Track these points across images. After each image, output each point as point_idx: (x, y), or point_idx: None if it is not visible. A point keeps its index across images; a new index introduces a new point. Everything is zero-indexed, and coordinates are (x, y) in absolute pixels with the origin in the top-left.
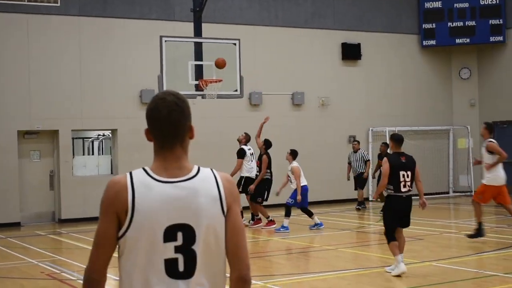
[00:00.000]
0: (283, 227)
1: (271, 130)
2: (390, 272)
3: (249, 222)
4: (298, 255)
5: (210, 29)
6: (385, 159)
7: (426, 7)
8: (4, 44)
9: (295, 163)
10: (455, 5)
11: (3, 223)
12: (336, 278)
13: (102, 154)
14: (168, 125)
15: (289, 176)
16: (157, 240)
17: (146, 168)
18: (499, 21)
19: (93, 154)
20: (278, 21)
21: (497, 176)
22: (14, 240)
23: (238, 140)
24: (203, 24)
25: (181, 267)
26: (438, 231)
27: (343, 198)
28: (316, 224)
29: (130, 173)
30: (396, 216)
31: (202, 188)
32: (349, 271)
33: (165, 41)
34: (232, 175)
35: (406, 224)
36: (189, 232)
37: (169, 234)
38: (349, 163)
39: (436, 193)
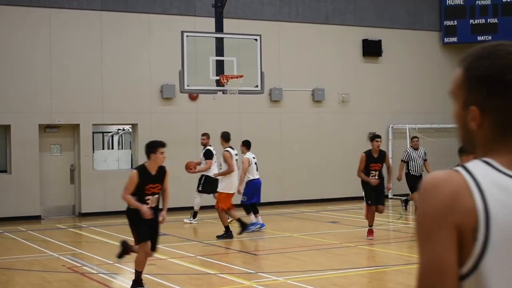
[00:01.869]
0: (253, 224)
1: (291, 127)
2: None
3: (188, 219)
4: (317, 252)
5: (231, 24)
6: None
7: (447, 3)
8: (26, 38)
9: (246, 155)
10: (477, 2)
11: (24, 216)
12: (357, 275)
13: (122, 148)
14: None
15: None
16: None
17: (489, 160)
18: None
19: (112, 148)
20: (299, 17)
21: (230, 184)
22: (34, 233)
23: (203, 144)
24: (224, 20)
25: None
26: None
27: (363, 195)
28: (255, 224)
29: (464, 168)
30: None
31: None
32: (369, 268)
33: (187, 36)
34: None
35: None
36: None
37: None
38: (404, 161)
39: None
